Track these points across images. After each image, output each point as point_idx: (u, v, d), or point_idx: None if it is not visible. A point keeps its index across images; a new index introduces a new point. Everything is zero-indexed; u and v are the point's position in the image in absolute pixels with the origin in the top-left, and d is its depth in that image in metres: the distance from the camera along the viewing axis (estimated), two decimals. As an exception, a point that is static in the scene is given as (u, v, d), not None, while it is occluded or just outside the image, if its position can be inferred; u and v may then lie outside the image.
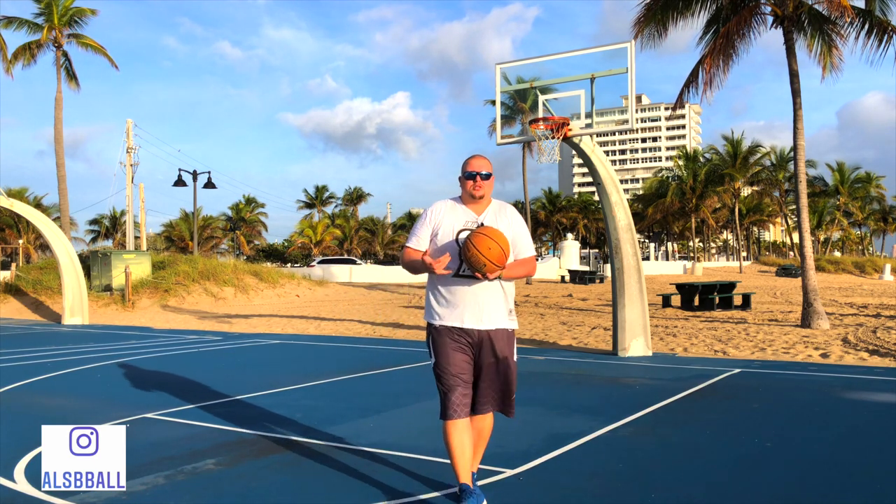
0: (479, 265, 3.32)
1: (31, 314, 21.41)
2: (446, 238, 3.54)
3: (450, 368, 3.49)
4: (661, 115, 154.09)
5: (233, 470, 4.40)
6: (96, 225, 71.36)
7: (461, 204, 3.65)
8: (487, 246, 3.30)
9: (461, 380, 3.49)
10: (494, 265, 3.32)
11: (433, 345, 3.58)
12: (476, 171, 3.59)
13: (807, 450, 4.80)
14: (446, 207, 3.63)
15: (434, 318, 3.58)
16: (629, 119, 10.06)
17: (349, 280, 37.59)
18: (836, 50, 14.11)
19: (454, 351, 3.50)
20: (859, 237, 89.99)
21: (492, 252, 3.30)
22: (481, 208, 3.62)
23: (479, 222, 3.56)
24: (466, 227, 3.53)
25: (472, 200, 3.60)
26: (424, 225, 3.60)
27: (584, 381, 7.90)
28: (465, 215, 3.59)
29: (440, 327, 3.55)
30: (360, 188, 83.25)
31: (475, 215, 3.59)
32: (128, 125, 33.56)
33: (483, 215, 3.60)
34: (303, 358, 10.59)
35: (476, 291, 3.50)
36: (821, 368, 8.67)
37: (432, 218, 3.60)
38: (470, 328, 3.51)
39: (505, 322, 3.59)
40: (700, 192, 59.87)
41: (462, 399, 3.49)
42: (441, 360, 3.52)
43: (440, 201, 3.69)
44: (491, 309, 3.53)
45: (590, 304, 21.50)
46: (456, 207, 3.63)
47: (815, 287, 13.84)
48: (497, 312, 3.55)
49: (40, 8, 29.54)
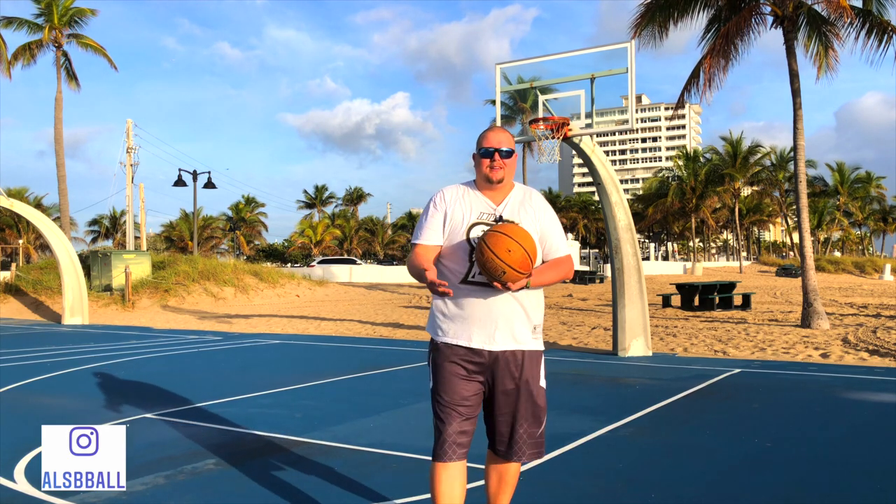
0: (497, 272, 2.58)
1: (31, 314, 21.40)
2: (456, 235, 2.80)
3: (445, 397, 2.77)
4: (661, 115, 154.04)
5: (233, 470, 4.40)
6: (96, 225, 71.39)
7: (475, 190, 2.88)
8: (507, 248, 2.58)
9: (458, 413, 2.76)
10: (517, 272, 2.58)
11: (433, 365, 2.87)
12: (495, 146, 2.81)
13: (807, 450, 4.80)
14: (457, 194, 2.87)
15: (437, 334, 2.87)
16: (629, 119, 10.06)
17: (349, 280, 37.59)
18: (832, 51, 14.13)
19: (455, 376, 2.77)
20: (859, 237, 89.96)
21: (513, 256, 2.57)
22: (501, 196, 2.86)
23: (497, 214, 2.81)
24: (481, 221, 2.78)
25: (489, 186, 2.84)
26: (436, 214, 2.84)
27: (584, 381, 7.90)
28: (479, 205, 2.83)
29: (442, 345, 2.83)
30: (360, 188, 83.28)
31: (493, 205, 2.84)
32: (128, 125, 33.57)
33: (503, 204, 2.84)
34: (303, 358, 10.59)
35: (491, 303, 2.75)
36: (821, 368, 8.67)
37: (439, 206, 2.85)
38: (479, 348, 2.76)
39: (527, 341, 2.81)
40: (700, 192, 59.86)
41: (458, 437, 2.75)
42: (438, 385, 2.80)
43: (450, 186, 2.93)
44: (509, 325, 2.77)
45: (590, 304, 21.50)
46: (468, 194, 2.87)
47: (815, 287, 13.83)
48: (517, 329, 2.78)
49: (40, 8, 29.54)
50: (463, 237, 2.76)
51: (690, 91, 14.39)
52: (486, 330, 2.75)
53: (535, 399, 2.82)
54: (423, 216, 2.89)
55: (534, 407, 2.82)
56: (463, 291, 2.77)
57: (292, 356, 10.85)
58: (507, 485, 2.94)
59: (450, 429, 2.75)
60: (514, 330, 2.77)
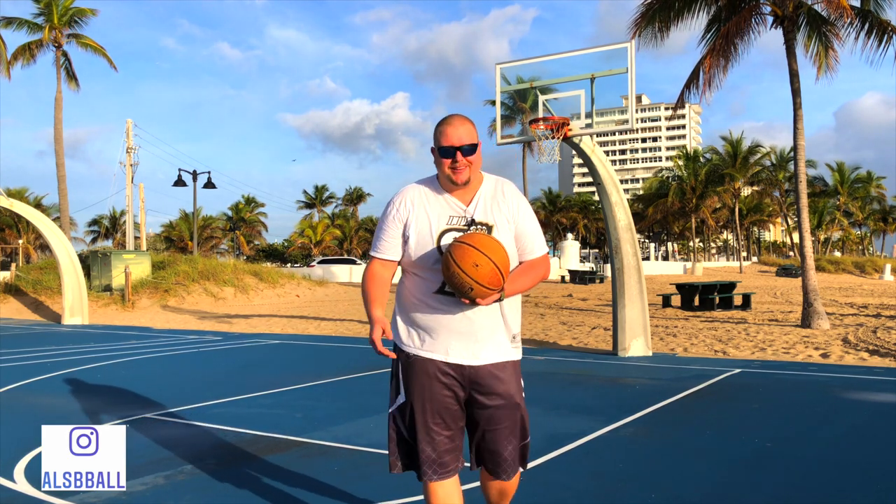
0: (464, 289, 2.36)
1: (31, 314, 21.40)
2: (424, 244, 2.53)
3: (425, 415, 2.54)
4: (661, 115, 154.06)
5: (233, 470, 4.40)
6: (96, 225, 71.45)
7: (440, 190, 2.59)
8: (474, 262, 2.32)
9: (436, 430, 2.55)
10: (486, 288, 2.35)
11: (403, 377, 2.58)
12: (455, 143, 2.49)
13: (807, 450, 4.80)
14: (419, 196, 2.58)
15: (405, 344, 2.60)
16: (629, 119, 10.06)
17: (349, 280, 37.58)
18: (832, 51, 14.13)
19: (433, 391, 2.54)
20: (859, 237, 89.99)
21: (481, 271, 2.32)
22: (469, 194, 2.58)
23: (468, 217, 2.54)
24: (452, 227, 2.52)
25: (455, 186, 2.56)
26: (394, 224, 2.58)
27: (584, 381, 7.90)
28: (447, 207, 2.56)
29: (415, 358, 2.57)
30: (360, 188, 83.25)
31: (462, 206, 2.56)
32: (128, 125, 33.55)
33: (473, 203, 2.57)
34: (303, 358, 10.59)
35: (469, 314, 2.52)
36: (821, 368, 8.67)
37: (400, 212, 2.57)
38: (456, 363, 2.54)
39: (506, 352, 2.60)
40: (700, 192, 59.87)
41: (444, 455, 2.55)
42: (415, 395, 2.55)
43: (410, 186, 2.63)
44: (489, 336, 2.55)
45: (590, 304, 21.50)
46: (432, 196, 2.58)
47: (816, 287, 13.83)
48: (498, 340, 2.58)
49: (40, 8, 29.56)
50: (433, 245, 2.51)
51: (690, 91, 14.40)
52: (464, 343, 2.53)
53: (520, 411, 2.61)
54: (382, 221, 2.62)
55: (520, 419, 2.61)
56: (437, 301, 2.52)
57: (292, 356, 10.85)
58: (508, 496, 2.79)
59: (428, 447, 2.54)
60: (495, 341, 2.56)
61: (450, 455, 2.57)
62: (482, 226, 2.54)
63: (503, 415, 2.57)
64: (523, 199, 2.63)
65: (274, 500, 3.84)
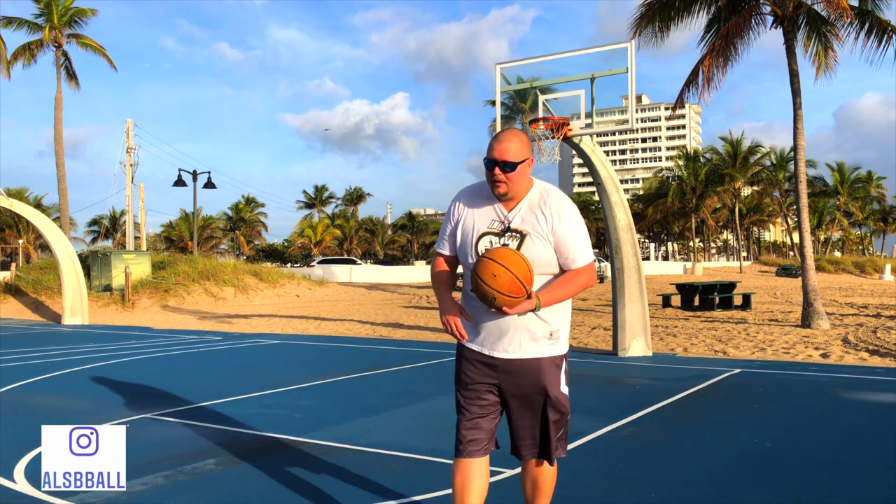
0: (488, 299, 2.52)
1: (31, 314, 21.40)
2: (466, 244, 2.71)
3: (460, 396, 2.79)
4: (661, 115, 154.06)
5: (233, 470, 4.40)
6: (96, 225, 71.39)
7: (491, 195, 2.69)
8: (492, 272, 2.47)
9: (470, 412, 2.75)
10: (507, 296, 2.48)
11: (456, 361, 2.87)
12: (497, 157, 2.57)
13: (806, 449, 4.80)
14: (473, 198, 2.73)
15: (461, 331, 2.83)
16: (629, 119, 10.07)
17: (349, 280, 37.57)
18: (832, 51, 14.13)
19: (470, 377, 2.76)
20: (859, 237, 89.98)
21: (499, 280, 2.46)
22: (514, 201, 2.67)
23: (506, 224, 2.65)
24: (490, 231, 2.66)
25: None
26: (448, 224, 2.79)
27: (584, 381, 7.89)
28: (491, 211, 2.68)
29: (464, 347, 2.81)
30: (360, 188, 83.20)
31: (504, 212, 2.66)
32: (128, 125, 33.54)
33: (515, 211, 2.66)
34: (303, 358, 10.59)
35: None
36: (821, 368, 8.67)
37: (453, 212, 2.77)
38: (489, 354, 2.72)
39: (543, 348, 2.70)
40: (700, 192, 59.87)
41: (469, 433, 2.73)
42: (457, 382, 2.82)
43: (466, 188, 2.80)
44: (522, 333, 2.67)
45: (590, 304, 21.50)
46: (482, 200, 2.71)
47: (816, 287, 13.84)
48: (532, 336, 2.68)
49: (40, 8, 29.56)
50: (472, 248, 2.68)
51: (690, 91, 14.40)
52: (496, 339, 2.69)
53: (555, 405, 2.72)
54: (445, 219, 2.83)
55: (551, 411, 2.72)
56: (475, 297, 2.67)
57: (292, 356, 10.85)
58: (542, 491, 2.88)
59: (461, 427, 2.75)
60: (528, 337, 2.67)
61: (478, 436, 2.72)
62: (516, 233, 2.63)
63: (533, 406, 2.72)
64: (568, 209, 2.66)
65: (274, 500, 3.84)
